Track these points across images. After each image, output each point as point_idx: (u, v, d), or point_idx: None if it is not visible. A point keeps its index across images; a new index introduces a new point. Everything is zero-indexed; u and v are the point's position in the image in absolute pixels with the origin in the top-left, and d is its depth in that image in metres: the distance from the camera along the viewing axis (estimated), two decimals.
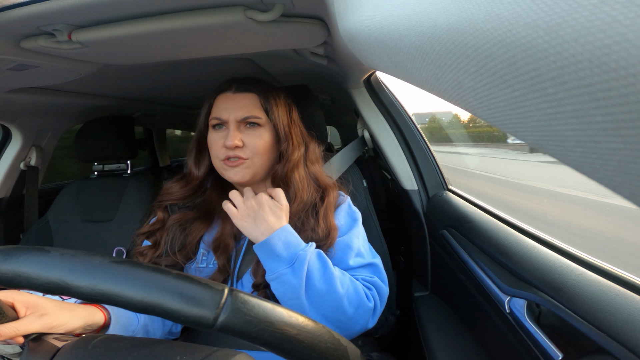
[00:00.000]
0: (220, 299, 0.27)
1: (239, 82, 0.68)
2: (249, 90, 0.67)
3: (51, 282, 0.28)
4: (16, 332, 0.38)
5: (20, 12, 0.50)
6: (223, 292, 0.27)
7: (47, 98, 1.07)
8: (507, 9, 0.14)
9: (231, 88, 0.67)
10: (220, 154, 0.64)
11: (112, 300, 0.27)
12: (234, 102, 0.65)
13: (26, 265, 0.28)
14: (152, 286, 0.27)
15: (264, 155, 0.66)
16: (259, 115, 0.65)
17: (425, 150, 0.99)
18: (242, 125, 0.65)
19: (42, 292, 0.29)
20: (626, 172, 0.12)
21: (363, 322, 0.59)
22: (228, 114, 0.64)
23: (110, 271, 0.28)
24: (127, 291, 0.27)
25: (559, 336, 0.45)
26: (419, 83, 0.25)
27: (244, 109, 0.65)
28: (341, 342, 0.32)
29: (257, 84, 0.68)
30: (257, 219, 0.59)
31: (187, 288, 0.27)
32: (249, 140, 0.64)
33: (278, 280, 0.56)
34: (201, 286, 0.27)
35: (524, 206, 2.95)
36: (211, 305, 0.26)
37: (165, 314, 0.27)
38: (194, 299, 0.27)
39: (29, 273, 0.28)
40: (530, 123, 0.15)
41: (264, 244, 0.57)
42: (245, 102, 0.65)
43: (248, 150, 0.64)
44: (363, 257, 0.65)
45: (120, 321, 0.54)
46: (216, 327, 0.26)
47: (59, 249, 0.30)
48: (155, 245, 0.66)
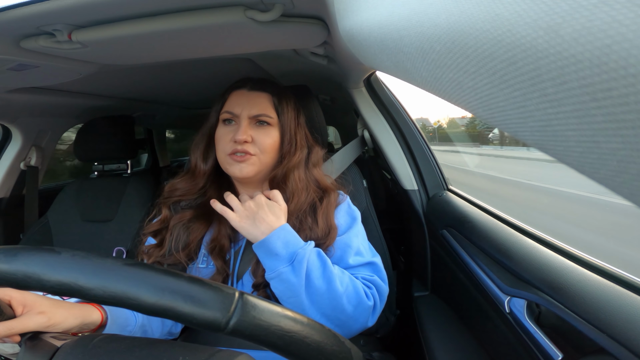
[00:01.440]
0: (231, 303, 0.27)
1: (254, 81, 0.70)
2: (264, 89, 0.69)
3: (63, 284, 0.27)
4: (12, 330, 0.38)
5: (20, 12, 0.50)
6: (234, 296, 0.28)
7: (47, 98, 1.07)
8: (507, 9, 0.14)
9: (246, 85, 0.69)
10: (227, 148, 0.65)
11: (124, 303, 0.27)
12: (248, 99, 0.67)
13: (36, 266, 0.28)
14: (165, 289, 0.27)
15: (270, 154, 0.67)
16: (271, 114, 0.67)
17: (425, 150, 0.99)
18: (253, 122, 0.66)
19: (52, 294, 0.29)
20: (626, 172, 0.12)
21: (362, 320, 0.59)
22: (241, 109, 0.66)
23: (123, 274, 0.28)
24: (139, 294, 0.27)
25: (559, 336, 0.45)
26: (419, 83, 0.25)
27: (257, 107, 0.66)
28: (345, 344, 0.32)
29: (271, 85, 0.70)
30: (256, 219, 0.60)
31: (200, 292, 0.27)
32: (259, 138, 0.65)
33: (278, 278, 0.56)
34: (213, 290, 0.28)
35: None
36: (223, 309, 0.27)
37: (178, 317, 0.27)
38: (206, 303, 0.27)
39: (39, 274, 0.28)
40: (530, 123, 0.15)
41: (263, 243, 0.58)
42: (259, 100, 0.67)
43: (256, 147, 0.65)
44: (362, 256, 0.65)
45: (118, 321, 0.54)
46: (227, 330, 0.27)
47: (69, 250, 0.29)
48: (160, 244, 0.66)
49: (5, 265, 0.28)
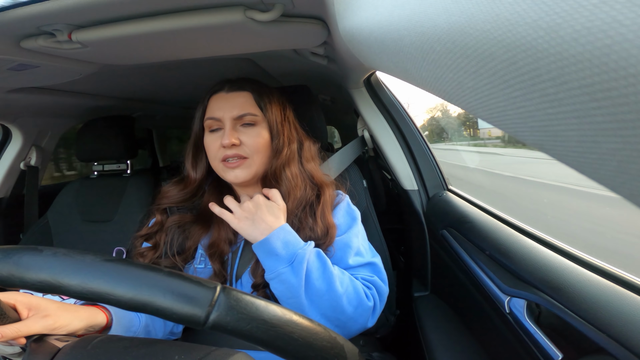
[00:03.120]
0: (212, 297, 0.27)
1: (232, 82, 0.68)
2: (243, 88, 0.67)
3: (43, 281, 0.28)
4: (18, 333, 0.38)
5: (20, 12, 0.50)
6: (215, 290, 0.27)
7: (47, 98, 1.07)
8: (507, 9, 0.14)
9: (224, 88, 0.67)
10: (218, 155, 0.64)
11: (103, 298, 0.27)
12: (228, 101, 0.65)
13: (20, 264, 0.28)
14: (143, 284, 0.27)
15: (263, 153, 0.65)
16: (255, 112, 0.65)
17: (425, 150, 0.99)
18: (238, 124, 0.65)
19: (35, 291, 0.29)
20: (626, 172, 0.12)
21: (362, 321, 0.59)
22: (222, 112, 0.64)
23: (101, 269, 0.28)
24: (117, 289, 0.27)
25: (559, 336, 0.45)
26: (419, 83, 0.25)
27: (238, 107, 0.64)
28: (337, 340, 0.32)
29: (250, 83, 0.68)
30: (256, 220, 0.59)
31: (179, 286, 0.27)
32: (247, 139, 0.64)
33: (277, 279, 0.56)
34: (193, 284, 0.27)
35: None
36: (203, 303, 0.26)
37: (157, 312, 0.27)
38: (185, 297, 0.27)
39: (22, 272, 0.28)
40: (530, 123, 0.15)
41: (263, 243, 0.57)
42: (239, 100, 0.65)
43: (247, 148, 0.64)
44: (362, 256, 0.65)
45: (122, 322, 0.54)
46: (208, 325, 0.26)
47: (52, 248, 0.30)
48: (155, 247, 0.66)
49: None
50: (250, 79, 0.70)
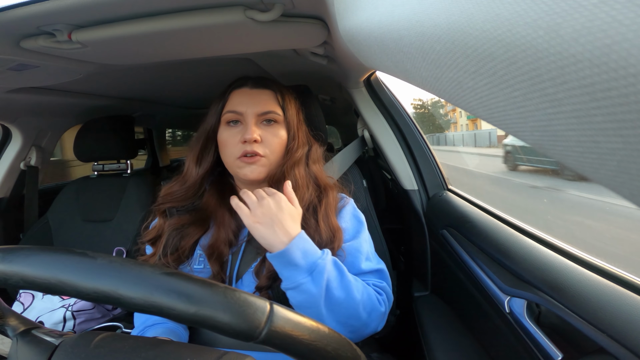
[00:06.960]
0: (263, 314, 0.29)
1: (255, 79, 0.68)
2: (267, 86, 0.67)
3: (100, 292, 0.28)
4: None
5: (20, 12, 0.50)
6: (266, 308, 0.29)
7: (47, 98, 1.07)
8: (507, 9, 0.14)
9: (247, 84, 0.67)
10: (236, 151, 0.62)
11: (164, 312, 0.28)
12: (252, 97, 0.65)
13: (70, 272, 0.28)
14: (203, 300, 0.28)
15: (278, 154, 0.65)
16: (278, 111, 0.65)
17: (425, 150, 0.99)
18: (260, 121, 0.64)
19: (88, 301, 0.29)
20: (626, 172, 0.12)
21: (374, 326, 0.59)
22: (246, 107, 0.63)
23: (164, 284, 0.28)
24: (180, 305, 0.27)
25: (559, 336, 0.45)
26: (419, 83, 0.25)
27: (262, 104, 0.64)
28: (358, 352, 0.33)
29: (272, 82, 0.69)
30: (275, 223, 0.54)
31: (236, 303, 0.28)
32: (267, 138, 0.63)
33: (297, 289, 0.54)
34: (248, 301, 0.29)
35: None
36: (257, 320, 0.28)
37: (214, 327, 0.28)
38: (243, 314, 0.28)
39: (74, 281, 0.28)
40: (530, 123, 0.15)
41: (283, 254, 0.53)
42: (263, 97, 0.65)
43: (265, 147, 0.63)
44: (371, 262, 0.65)
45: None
46: (259, 340, 0.28)
47: (106, 255, 0.30)
48: (155, 251, 0.64)
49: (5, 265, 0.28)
50: (272, 79, 0.70)
